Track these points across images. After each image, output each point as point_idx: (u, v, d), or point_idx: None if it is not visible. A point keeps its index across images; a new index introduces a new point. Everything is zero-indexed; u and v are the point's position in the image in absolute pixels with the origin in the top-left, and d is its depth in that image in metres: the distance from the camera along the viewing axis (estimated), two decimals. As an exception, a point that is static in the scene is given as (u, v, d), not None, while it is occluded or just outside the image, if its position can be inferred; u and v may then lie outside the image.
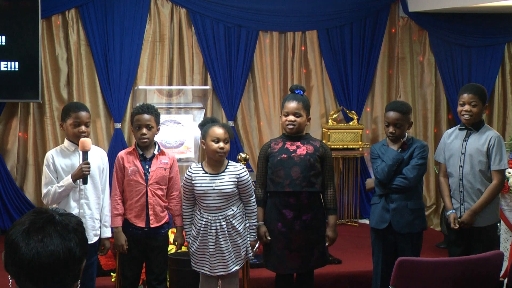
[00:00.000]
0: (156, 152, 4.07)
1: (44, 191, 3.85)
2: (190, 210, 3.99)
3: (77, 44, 6.48)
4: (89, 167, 3.78)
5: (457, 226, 4.18)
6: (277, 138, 4.25)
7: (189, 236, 3.99)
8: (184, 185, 3.97)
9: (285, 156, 4.04)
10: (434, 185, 7.06)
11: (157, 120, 4.09)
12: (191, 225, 3.98)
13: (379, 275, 4.22)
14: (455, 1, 6.54)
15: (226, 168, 3.92)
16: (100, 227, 3.98)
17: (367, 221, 6.50)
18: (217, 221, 3.87)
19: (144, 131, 4.00)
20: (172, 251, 4.48)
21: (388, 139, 4.24)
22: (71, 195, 3.86)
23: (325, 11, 6.97)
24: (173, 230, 4.35)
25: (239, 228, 3.91)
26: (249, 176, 3.97)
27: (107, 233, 4.00)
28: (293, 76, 6.99)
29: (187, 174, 3.95)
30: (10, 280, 1.70)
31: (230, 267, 3.92)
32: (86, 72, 6.51)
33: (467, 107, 4.20)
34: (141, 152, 4.05)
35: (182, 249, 4.23)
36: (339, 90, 7.03)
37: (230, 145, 3.97)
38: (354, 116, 6.85)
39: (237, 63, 6.76)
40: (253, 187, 4.03)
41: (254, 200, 4.00)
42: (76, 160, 3.89)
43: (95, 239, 3.95)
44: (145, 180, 4.00)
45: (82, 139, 3.80)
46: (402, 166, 4.12)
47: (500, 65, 7.22)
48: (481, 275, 3.24)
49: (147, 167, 4.02)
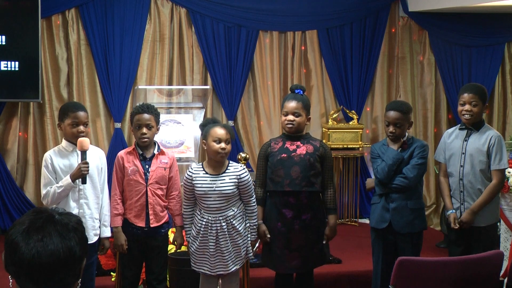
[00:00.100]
0: (156, 151, 4.07)
1: (44, 192, 3.84)
2: (190, 210, 3.99)
3: (77, 44, 6.48)
4: (88, 167, 3.78)
5: (457, 226, 4.18)
6: (277, 137, 4.25)
7: (189, 236, 3.99)
8: (184, 185, 3.96)
9: (285, 155, 4.03)
10: (434, 184, 7.06)
11: (157, 119, 4.08)
12: (191, 225, 3.97)
13: (379, 274, 4.22)
14: (455, 1, 6.53)
15: (227, 169, 3.91)
16: (100, 227, 3.98)
17: (367, 221, 6.49)
18: (218, 221, 3.87)
19: (144, 130, 4.00)
20: (172, 250, 4.48)
21: (388, 139, 4.24)
22: (70, 195, 3.86)
23: (325, 11, 6.97)
24: (173, 229, 4.34)
25: (239, 228, 3.90)
26: (250, 177, 3.96)
27: (107, 232, 4.00)
28: (293, 75, 6.98)
29: (188, 174, 3.95)
30: (11, 280, 1.70)
31: (230, 266, 3.91)
32: (86, 72, 6.51)
33: (467, 106, 4.20)
34: (141, 152, 4.05)
35: (182, 248, 4.23)
36: (339, 89, 7.03)
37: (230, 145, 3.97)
38: (354, 115, 6.85)
39: (237, 62, 6.76)
40: (253, 187, 4.02)
41: (255, 200, 3.99)
42: (74, 160, 3.88)
43: (95, 238, 3.95)
44: (145, 180, 4.00)
45: (81, 139, 3.79)
46: (402, 165, 4.12)
47: (500, 65, 7.21)
48: (481, 274, 3.24)
49: (147, 166, 4.02)
